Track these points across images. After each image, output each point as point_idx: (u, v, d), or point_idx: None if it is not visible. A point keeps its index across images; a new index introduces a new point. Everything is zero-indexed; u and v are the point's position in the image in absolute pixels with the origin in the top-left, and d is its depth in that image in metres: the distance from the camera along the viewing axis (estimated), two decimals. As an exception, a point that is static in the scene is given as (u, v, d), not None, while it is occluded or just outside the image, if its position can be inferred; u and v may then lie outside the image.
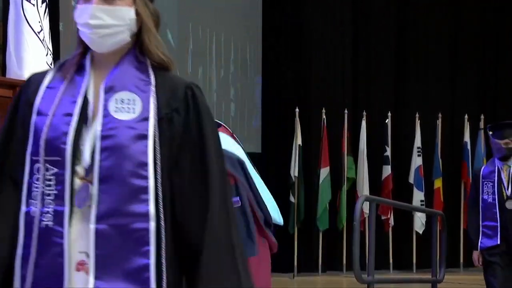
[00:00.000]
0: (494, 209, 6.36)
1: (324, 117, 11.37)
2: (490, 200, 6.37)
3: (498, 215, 6.32)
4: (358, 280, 6.40)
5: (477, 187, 6.51)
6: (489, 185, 6.40)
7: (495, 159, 6.51)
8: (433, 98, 12.23)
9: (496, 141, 6.44)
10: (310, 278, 11.11)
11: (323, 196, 11.19)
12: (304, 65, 11.77)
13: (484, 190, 6.42)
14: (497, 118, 12.41)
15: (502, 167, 6.45)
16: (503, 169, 6.44)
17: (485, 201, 6.41)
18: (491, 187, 6.39)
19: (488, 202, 6.39)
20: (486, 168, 6.58)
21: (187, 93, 2.13)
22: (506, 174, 6.44)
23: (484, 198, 6.41)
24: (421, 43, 12.36)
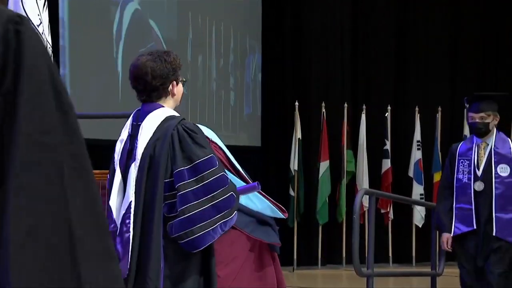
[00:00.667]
0: (469, 190, 5.86)
1: (324, 110, 11.37)
2: (466, 180, 5.87)
3: (473, 197, 5.84)
4: (357, 273, 6.40)
5: (452, 165, 6.00)
6: (465, 163, 5.91)
7: (474, 136, 6.05)
8: (433, 92, 12.22)
9: (472, 114, 5.96)
10: (310, 272, 11.11)
11: (322, 189, 11.19)
12: (304, 58, 11.76)
13: (460, 169, 5.92)
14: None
15: (480, 144, 5.98)
16: (481, 146, 5.96)
17: (460, 181, 5.91)
18: (467, 166, 5.90)
19: (463, 182, 5.89)
20: (464, 145, 6.07)
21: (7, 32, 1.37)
22: (483, 153, 5.95)
23: (459, 177, 5.91)
24: (421, 37, 12.35)
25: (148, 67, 3.71)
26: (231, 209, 3.62)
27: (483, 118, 5.92)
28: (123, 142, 3.77)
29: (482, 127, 5.92)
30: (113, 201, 3.67)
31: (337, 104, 11.58)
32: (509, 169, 5.87)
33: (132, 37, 9.99)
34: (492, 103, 6.04)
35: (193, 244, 3.56)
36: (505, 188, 5.84)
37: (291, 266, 11.09)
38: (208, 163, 3.60)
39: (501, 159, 5.88)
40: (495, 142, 5.95)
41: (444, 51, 12.49)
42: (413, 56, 12.39)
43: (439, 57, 12.42)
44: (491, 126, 5.96)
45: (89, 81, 9.52)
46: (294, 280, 10.39)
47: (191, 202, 3.55)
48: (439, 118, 11.93)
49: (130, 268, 3.56)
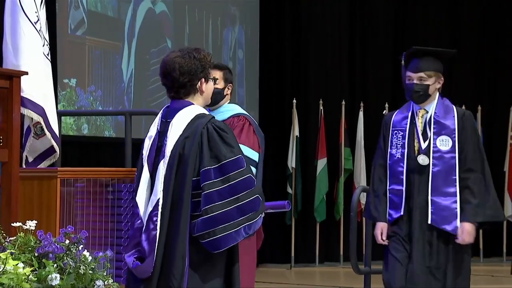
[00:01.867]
0: (401, 168, 4.88)
1: (321, 108, 11.37)
2: (399, 155, 4.89)
3: (405, 175, 4.89)
4: (355, 271, 6.41)
5: (386, 139, 5.01)
6: (399, 135, 4.93)
7: (411, 102, 5.05)
8: (431, 89, 12.22)
9: (409, 74, 4.99)
10: (307, 269, 11.12)
11: (320, 187, 11.19)
12: (302, 56, 11.76)
13: (393, 142, 4.94)
14: (494, 109, 12.44)
15: (417, 111, 5.00)
16: (419, 114, 4.99)
17: (392, 158, 4.93)
18: (401, 139, 4.92)
19: (395, 158, 4.91)
20: (399, 113, 5.06)
21: None
22: (421, 122, 4.96)
23: (392, 153, 4.93)
24: (419, 35, 12.34)
25: (176, 63, 3.70)
26: (256, 212, 3.59)
27: (422, 79, 4.97)
28: (151, 138, 3.76)
29: (421, 90, 4.95)
30: (140, 197, 3.67)
31: (335, 102, 11.58)
32: (451, 142, 4.89)
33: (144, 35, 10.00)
34: (435, 62, 5.09)
35: (214, 244, 3.55)
36: (445, 166, 4.86)
37: (288, 264, 11.10)
38: (235, 163, 3.58)
39: (442, 130, 4.90)
40: (436, 109, 4.96)
41: (441, 42, 12.43)
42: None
43: (437, 47, 12.38)
44: (431, 89, 5.00)
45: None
46: (292, 277, 10.40)
47: (215, 202, 3.54)
48: (437, 116, 11.92)
49: (155, 266, 3.56)
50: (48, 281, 4.01)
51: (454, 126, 4.94)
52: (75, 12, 9.26)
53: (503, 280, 7.29)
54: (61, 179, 4.92)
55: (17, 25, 5.24)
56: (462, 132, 4.95)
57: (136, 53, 9.96)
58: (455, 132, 4.93)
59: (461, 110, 5.08)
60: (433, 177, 4.87)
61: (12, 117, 4.65)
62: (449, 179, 4.87)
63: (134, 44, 9.96)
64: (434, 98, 5.02)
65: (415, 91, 4.96)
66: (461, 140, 4.93)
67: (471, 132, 4.99)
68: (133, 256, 3.63)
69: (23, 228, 4.25)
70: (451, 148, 4.90)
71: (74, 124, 9.24)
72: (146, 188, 3.68)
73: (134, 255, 3.63)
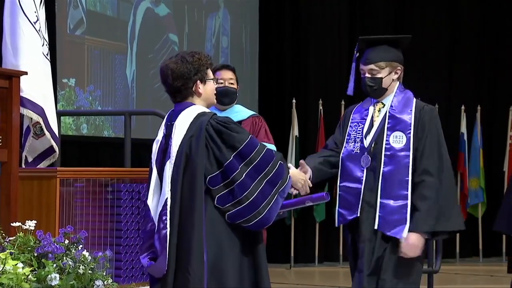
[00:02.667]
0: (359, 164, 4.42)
1: (321, 108, 11.37)
2: (357, 150, 4.41)
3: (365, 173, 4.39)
4: (354, 270, 6.40)
5: (344, 130, 4.55)
6: (358, 129, 4.46)
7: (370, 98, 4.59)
8: (430, 89, 12.21)
9: (361, 66, 4.53)
10: (307, 269, 11.12)
11: (320, 187, 11.19)
12: (301, 56, 11.76)
13: (351, 135, 4.47)
14: (493, 109, 12.44)
15: (376, 105, 4.52)
16: (375, 108, 4.50)
17: (347, 151, 4.46)
18: (360, 133, 4.44)
19: (353, 153, 4.42)
20: (362, 105, 4.59)
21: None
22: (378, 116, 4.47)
23: (347, 147, 4.47)
24: (418, 36, 12.33)
25: (169, 69, 3.79)
26: (284, 178, 3.82)
27: (373, 72, 4.47)
28: (158, 142, 3.85)
29: (373, 84, 4.46)
30: (151, 200, 3.74)
31: (334, 102, 11.58)
32: (405, 138, 4.36)
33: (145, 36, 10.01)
34: (389, 51, 4.57)
35: (262, 223, 3.77)
36: (398, 165, 4.31)
37: (288, 264, 11.10)
38: (250, 145, 3.74)
39: (397, 125, 4.39)
40: (393, 103, 4.47)
41: (441, 49, 12.49)
42: (410, 54, 12.35)
43: (436, 48, 12.40)
44: (386, 82, 4.48)
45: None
46: (291, 277, 10.39)
47: (249, 187, 3.70)
48: (436, 116, 11.92)
49: (169, 264, 3.60)
50: (48, 281, 4.01)
51: (410, 121, 4.39)
52: (74, 12, 9.26)
53: (503, 280, 7.32)
54: (61, 179, 4.93)
55: (17, 25, 5.25)
56: (419, 128, 4.38)
57: (138, 54, 9.96)
58: (410, 127, 4.38)
59: (421, 103, 4.53)
60: (384, 177, 4.31)
61: (12, 117, 4.66)
62: (402, 180, 4.30)
63: (135, 45, 9.97)
64: (391, 91, 4.49)
65: (368, 86, 4.45)
66: (417, 137, 4.36)
67: (430, 129, 4.41)
68: (147, 257, 3.69)
69: (23, 228, 4.25)
70: (405, 146, 4.33)
71: (73, 124, 9.24)
72: (155, 190, 3.76)
73: (149, 256, 3.69)
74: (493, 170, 12.07)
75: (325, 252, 11.57)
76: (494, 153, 12.13)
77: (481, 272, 10.84)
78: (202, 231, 3.61)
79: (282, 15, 11.83)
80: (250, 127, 5.32)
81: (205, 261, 3.61)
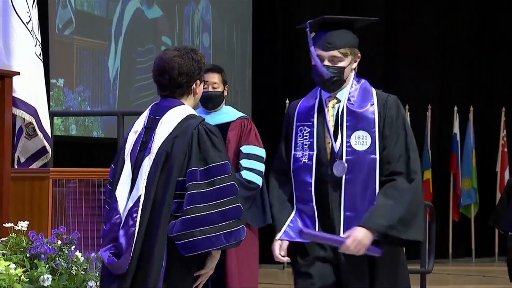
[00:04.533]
0: (308, 177, 3.54)
1: (314, 108, 11.38)
2: (305, 159, 3.55)
3: (314, 188, 3.55)
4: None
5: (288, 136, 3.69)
6: (305, 132, 3.59)
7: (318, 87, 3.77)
8: (423, 90, 12.24)
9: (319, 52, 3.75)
10: (300, 270, 11.11)
11: (312, 187, 11.20)
12: (294, 56, 11.77)
13: (298, 141, 3.60)
14: (486, 110, 12.46)
15: (327, 100, 3.66)
16: (328, 104, 3.65)
17: (297, 162, 3.58)
18: (308, 137, 3.58)
19: (301, 163, 3.57)
20: (305, 102, 3.74)
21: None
22: (332, 114, 3.61)
23: (297, 156, 3.58)
24: (411, 35, 12.36)
25: (176, 62, 3.67)
26: (238, 220, 3.49)
27: (335, 59, 3.67)
28: (137, 133, 3.72)
29: (334, 74, 3.64)
30: (120, 192, 3.63)
31: (327, 102, 11.59)
32: (369, 138, 3.55)
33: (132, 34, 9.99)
34: (350, 35, 3.85)
35: (189, 246, 3.47)
36: (363, 171, 3.53)
37: (281, 264, 11.09)
38: (221, 169, 3.53)
39: (358, 123, 3.58)
40: (351, 96, 3.65)
41: (434, 49, 12.51)
42: (403, 54, 12.40)
43: (429, 48, 12.42)
44: (347, 72, 3.72)
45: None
46: (284, 278, 10.39)
47: (198, 203, 3.48)
48: (429, 116, 11.95)
49: (131, 263, 3.53)
50: (40, 282, 4.00)
51: (374, 116, 3.58)
52: (63, 12, 9.21)
53: (495, 281, 7.32)
54: (53, 179, 4.91)
55: (9, 25, 5.23)
56: (385, 124, 3.59)
57: (123, 52, 9.90)
58: (374, 124, 3.57)
59: (382, 94, 3.72)
60: (347, 188, 3.53)
61: (4, 117, 4.65)
62: (369, 188, 3.53)
63: (120, 43, 9.92)
64: (348, 82, 3.69)
65: (328, 78, 3.65)
66: (383, 136, 3.58)
67: (398, 125, 3.64)
68: (109, 252, 3.60)
69: (15, 228, 4.24)
70: (371, 147, 3.54)
71: (61, 125, 9.20)
72: (126, 183, 3.63)
73: (110, 250, 3.59)
74: (486, 170, 12.09)
75: (318, 252, 11.57)
76: (486, 153, 12.16)
77: (474, 272, 10.86)
78: (165, 235, 3.55)
79: (275, 16, 11.83)
80: (238, 129, 5.29)
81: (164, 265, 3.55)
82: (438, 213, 8.75)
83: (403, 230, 3.54)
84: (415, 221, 3.57)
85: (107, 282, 3.60)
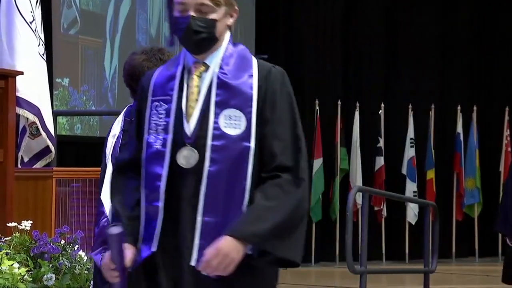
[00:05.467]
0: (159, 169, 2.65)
1: (317, 108, 11.38)
2: (159, 145, 2.67)
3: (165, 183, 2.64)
4: (350, 270, 6.41)
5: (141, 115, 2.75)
6: (161, 109, 2.70)
7: (183, 51, 2.77)
8: (426, 89, 12.23)
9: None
10: (303, 269, 11.11)
11: (316, 187, 11.20)
12: (297, 56, 11.77)
13: (152, 121, 2.70)
14: (489, 109, 12.44)
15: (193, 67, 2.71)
16: (194, 72, 2.70)
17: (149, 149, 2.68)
18: (164, 115, 2.68)
19: (153, 150, 2.68)
20: (164, 70, 2.76)
21: None
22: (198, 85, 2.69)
23: (149, 141, 2.68)
24: (413, 35, 12.35)
25: (145, 66, 3.68)
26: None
27: (203, 9, 2.70)
28: (115, 137, 3.74)
29: (203, 28, 2.69)
30: (105, 195, 3.64)
31: (330, 102, 11.59)
32: (244, 120, 2.66)
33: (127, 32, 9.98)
34: None
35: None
36: (233, 163, 2.64)
37: (284, 264, 11.08)
38: None
39: (231, 99, 2.68)
40: (224, 63, 2.74)
41: (434, 49, 12.50)
42: (403, 54, 12.39)
43: (430, 55, 12.42)
44: (220, 28, 2.78)
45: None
46: (287, 277, 10.39)
47: None
48: (432, 116, 11.94)
49: None
50: (44, 281, 4.01)
51: (251, 92, 2.69)
52: (68, 11, 9.22)
53: (498, 280, 7.33)
54: (57, 179, 4.92)
55: (13, 25, 5.24)
56: (266, 102, 2.71)
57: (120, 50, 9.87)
58: (251, 102, 2.68)
59: (266, 64, 2.87)
60: (210, 183, 2.63)
61: (8, 117, 4.65)
62: (237, 187, 2.64)
63: (117, 40, 9.89)
64: (220, 45, 2.78)
65: (194, 31, 2.68)
66: (262, 118, 2.69)
67: (283, 105, 2.75)
68: (100, 254, 3.61)
69: (19, 228, 4.25)
70: (245, 132, 2.65)
71: (67, 124, 9.22)
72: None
73: (102, 252, 3.61)
74: (489, 170, 12.07)
75: (321, 252, 11.57)
76: (490, 153, 12.14)
77: (477, 272, 10.85)
78: None
79: (277, 17, 11.84)
80: None
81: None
82: (441, 213, 8.75)
83: (279, 244, 2.64)
84: (295, 236, 2.68)
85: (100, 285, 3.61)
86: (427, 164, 11.78)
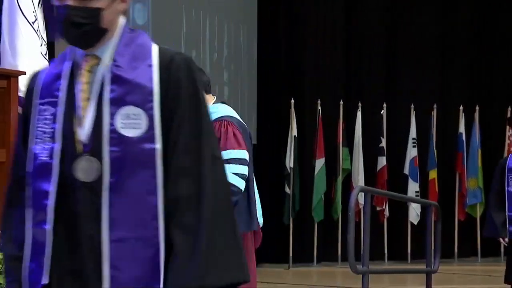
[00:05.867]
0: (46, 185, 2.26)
1: (319, 108, 11.38)
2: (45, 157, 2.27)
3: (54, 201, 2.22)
4: (352, 270, 6.41)
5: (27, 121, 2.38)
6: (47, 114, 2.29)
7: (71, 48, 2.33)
8: (428, 89, 12.24)
9: None
10: (305, 269, 11.12)
11: (318, 187, 11.20)
12: (299, 56, 11.77)
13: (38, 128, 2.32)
14: (492, 109, 12.45)
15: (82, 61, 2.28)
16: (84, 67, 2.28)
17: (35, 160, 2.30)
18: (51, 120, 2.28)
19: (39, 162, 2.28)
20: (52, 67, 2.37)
21: None
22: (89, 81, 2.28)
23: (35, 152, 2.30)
24: (414, 35, 12.36)
25: None
26: None
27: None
28: None
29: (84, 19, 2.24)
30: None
31: (332, 102, 11.59)
32: (145, 119, 2.24)
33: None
34: None
35: None
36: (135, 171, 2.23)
37: (286, 264, 11.10)
38: None
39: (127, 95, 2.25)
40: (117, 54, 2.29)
41: (434, 49, 12.51)
42: (403, 54, 12.40)
43: (430, 55, 12.43)
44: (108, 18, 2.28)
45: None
46: (289, 277, 10.40)
47: None
48: (434, 116, 11.94)
49: None
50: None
51: (151, 85, 2.26)
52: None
53: (501, 280, 7.33)
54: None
55: (15, 25, 5.25)
56: (169, 95, 2.27)
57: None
58: (152, 97, 2.25)
59: (168, 51, 2.33)
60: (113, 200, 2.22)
61: (10, 117, 4.65)
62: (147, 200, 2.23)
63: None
64: (113, 35, 2.30)
65: (73, 24, 2.24)
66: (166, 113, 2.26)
67: (187, 95, 2.28)
68: None
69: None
70: (148, 132, 2.24)
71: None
72: None
73: None
74: (492, 170, 12.06)
75: (324, 252, 11.57)
76: (492, 153, 12.14)
77: (479, 272, 10.85)
78: None
79: (279, 15, 11.84)
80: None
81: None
82: (443, 213, 8.75)
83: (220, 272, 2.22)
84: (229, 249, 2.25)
85: None
86: (429, 164, 11.79)
